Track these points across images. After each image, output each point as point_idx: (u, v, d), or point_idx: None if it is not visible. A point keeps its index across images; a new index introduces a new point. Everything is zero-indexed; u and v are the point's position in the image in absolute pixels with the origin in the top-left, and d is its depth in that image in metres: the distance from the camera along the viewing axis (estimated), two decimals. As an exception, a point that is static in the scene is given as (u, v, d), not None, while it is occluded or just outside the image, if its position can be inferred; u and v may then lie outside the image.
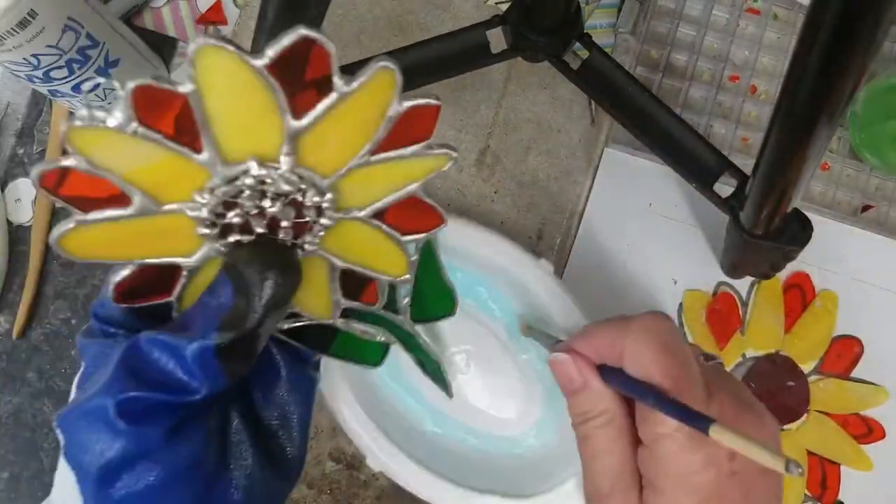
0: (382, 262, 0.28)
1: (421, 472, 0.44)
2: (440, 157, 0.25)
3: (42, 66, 0.43)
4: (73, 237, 0.22)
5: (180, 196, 0.22)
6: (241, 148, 0.22)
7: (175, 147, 0.21)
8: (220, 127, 0.21)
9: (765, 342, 0.51)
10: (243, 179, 0.22)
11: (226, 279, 0.23)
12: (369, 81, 0.23)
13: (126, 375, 0.23)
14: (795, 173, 0.36)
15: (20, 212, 0.53)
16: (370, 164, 0.24)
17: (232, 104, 0.21)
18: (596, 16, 0.56)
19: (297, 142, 0.22)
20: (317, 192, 0.23)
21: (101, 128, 0.20)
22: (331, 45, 0.21)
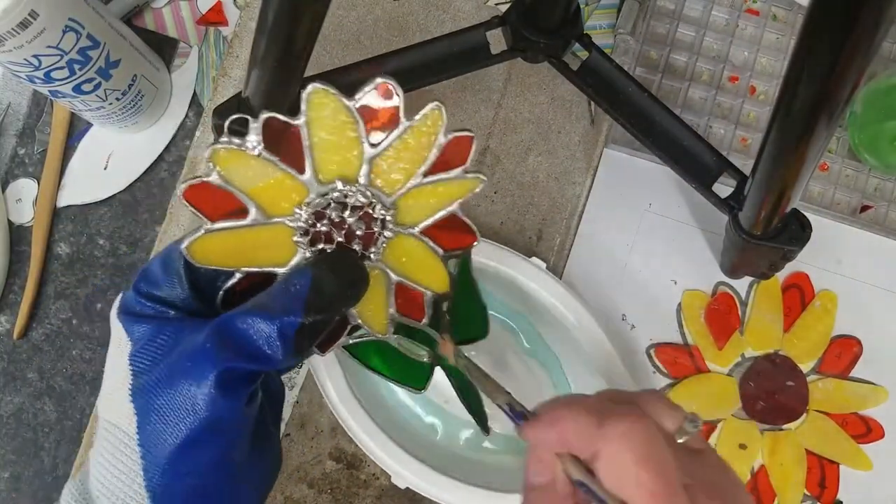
0: (428, 277, 0.32)
1: (447, 481, 0.44)
2: (474, 179, 0.30)
3: (43, 66, 0.43)
4: (199, 244, 0.27)
5: (283, 210, 0.28)
6: (331, 169, 0.28)
7: (287, 168, 0.27)
8: (319, 152, 0.27)
9: (764, 342, 0.51)
10: (332, 194, 0.28)
11: (307, 271, 0.27)
12: (425, 117, 0.28)
13: (220, 347, 0.25)
14: (794, 174, 0.36)
15: (21, 212, 0.53)
16: (423, 184, 0.29)
17: (329, 134, 0.27)
18: (595, 16, 0.56)
19: (371, 165, 0.28)
20: (383, 207, 0.29)
21: (236, 149, 0.26)
22: (400, 88, 0.27)
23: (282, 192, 0.27)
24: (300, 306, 0.26)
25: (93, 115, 0.50)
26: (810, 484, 0.50)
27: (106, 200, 0.54)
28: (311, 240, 0.28)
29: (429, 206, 0.30)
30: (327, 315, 0.27)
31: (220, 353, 0.25)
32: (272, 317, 0.26)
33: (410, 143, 0.28)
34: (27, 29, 0.40)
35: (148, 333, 0.27)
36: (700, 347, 0.51)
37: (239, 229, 0.27)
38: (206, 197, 0.27)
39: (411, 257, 0.31)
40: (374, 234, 0.30)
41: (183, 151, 0.54)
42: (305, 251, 0.29)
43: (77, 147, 0.54)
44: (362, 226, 0.29)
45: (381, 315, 0.32)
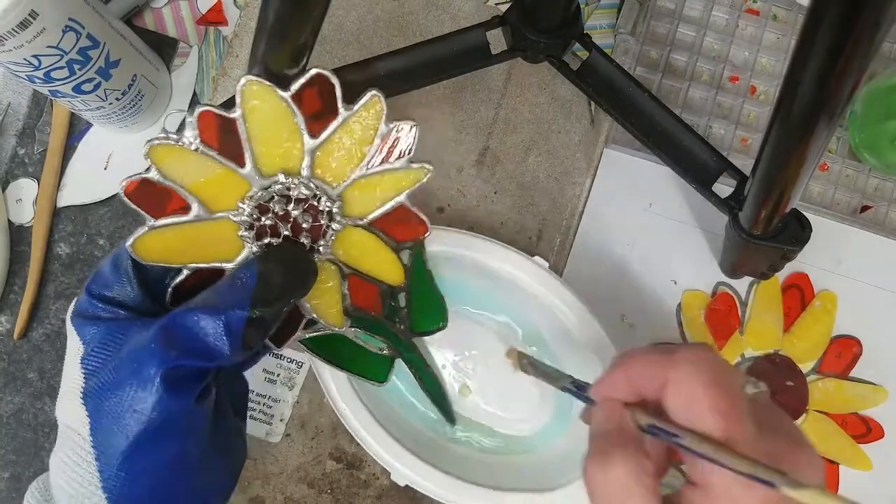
0: (381, 269, 0.32)
1: (445, 478, 0.44)
2: (420, 169, 0.30)
3: (43, 66, 0.43)
4: (143, 241, 0.27)
5: (226, 205, 0.28)
6: (272, 163, 0.27)
7: (226, 162, 0.27)
8: (258, 145, 0.27)
9: (764, 342, 0.51)
10: (274, 187, 0.28)
11: (253, 265, 0.27)
12: (364, 106, 0.28)
13: (166, 346, 0.25)
14: (794, 174, 0.36)
15: (21, 212, 0.53)
16: (367, 175, 0.29)
17: (267, 126, 0.27)
18: (596, 16, 0.56)
19: (313, 156, 0.28)
20: (328, 199, 0.29)
21: (173, 144, 0.26)
22: (335, 78, 0.27)
23: (224, 186, 0.27)
24: (246, 299, 0.26)
25: (93, 115, 0.50)
26: (810, 484, 0.50)
27: (106, 200, 0.54)
28: (257, 234, 0.28)
29: (376, 197, 0.30)
30: (275, 308, 0.27)
31: (165, 351, 0.25)
32: (218, 311, 0.26)
33: (350, 133, 0.28)
34: (27, 29, 0.40)
35: (98, 335, 0.27)
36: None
37: (182, 225, 0.27)
38: (148, 194, 0.26)
39: (362, 249, 0.31)
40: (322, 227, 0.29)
41: (183, 151, 0.54)
42: (252, 245, 0.28)
43: (77, 147, 0.54)
44: (308, 219, 0.29)
45: (334, 308, 0.32)
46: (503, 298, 0.48)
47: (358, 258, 0.31)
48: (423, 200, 0.52)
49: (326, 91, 0.27)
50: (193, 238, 0.28)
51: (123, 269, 0.28)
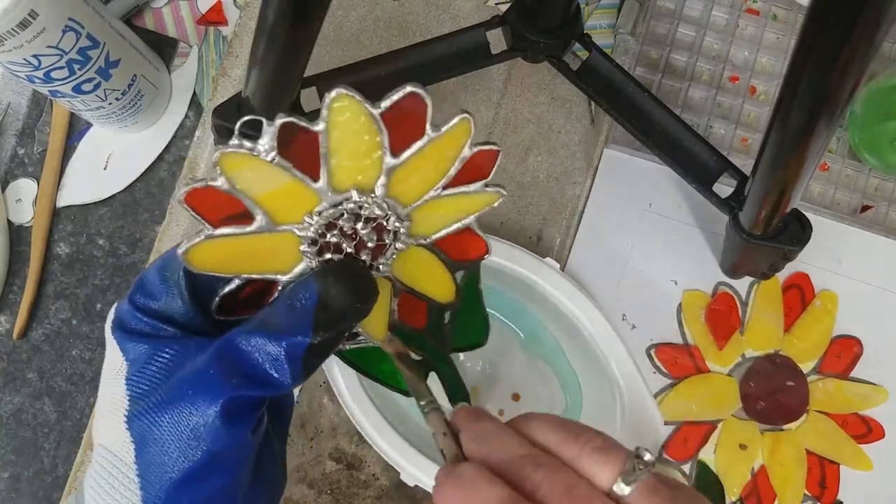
0: (434, 287, 0.31)
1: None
2: (494, 193, 0.29)
3: (43, 66, 0.43)
4: (198, 250, 0.25)
5: (292, 218, 0.26)
6: (347, 178, 0.26)
7: (300, 175, 0.25)
8: (336, 160, 0.25)
9: (764, 342, 0.51)
10: (345, 205, 0.26)
11: (311, 284, 0.25)
12: (453, 127, 0.26)
13: (226, 373, 0.24)
14: (795, 174, 0.36)
15: (21, 212, 0.53)
16: (441, 196, 0.28)
17: (349, 142, 0.25)
18: (596, 16, 0.56)
19: (390, 176, 0.26)
20: (398, 219, 0.28)
21: (247, 154, 0.24)
22: (429, 98, 0.25)
23: (292, 199, 0.26)
24: (308, 324, 0.24)
25: (92, 114, 0.50)
26: (811, 484, 0.49)
27: (106, 200, 0.54)
28: (319, 250, 0.27)
29: (445, 217, 0.29)
30: (338, 331, 0.25)
31: (225, 379, 0.23)
32: (279, 337, 0.24)
33: (433, 155, 0.27)
34: (27, 29, 0.40)
35: (145, 354, 0.25)
36: (700, 347, 0.51)
37: (243, 236, 0.26)
38: (210, 201, 0.25)
39: (419, 267, 0.30)
40: (385, 245, 0.28)
41: (183, 151, 0.54)
42: (311, 260, 0.27)
43: (77, 147, 0.54)
44: (374, 237, 0.28)
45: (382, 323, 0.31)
46: (509, 299, 0.48)
47: (415, 276, 0.30)
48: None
49: (417, 110, 0.26)
50: (251, 249, 0.26)
51: (174, 281, 0.26)
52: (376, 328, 0.31)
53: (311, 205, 0.26)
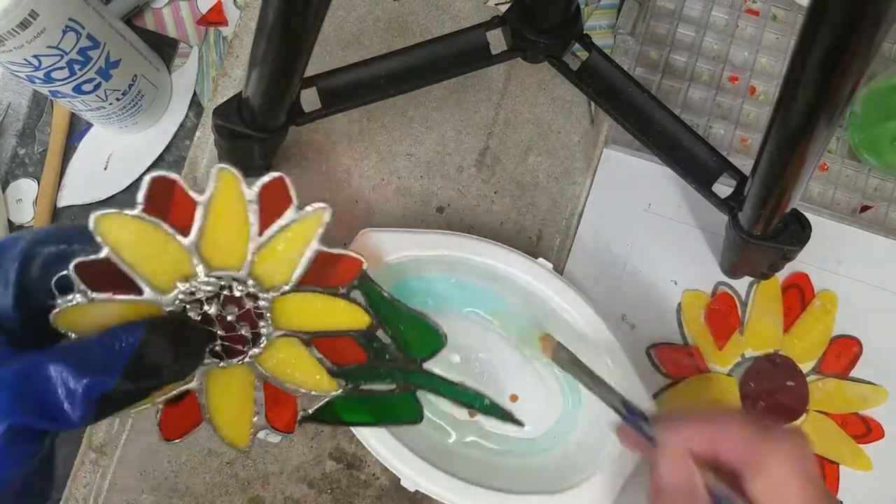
0: (340, 321, 0.30)
1: (457, 483, 0.44)
2: (317, 212, 0.28)
3: (43, 66, 0.43)
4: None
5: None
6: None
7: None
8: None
9: (764, 342, 0.51)
10: (219, 282, 0.27)
11: (140, 331, 0.24)
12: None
13: (17, 398, 0.22)
14: (794, 174, 0.36)
15: (21, 212, 0.53)
16: (264, 242, 0.27)
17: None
18: (595, 17, 0.56)
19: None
20: (240, 283, 0.27)
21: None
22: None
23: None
24: (118, 368, 0.23)
25: (93, 115, 0.50)
26: (810, 484, 0.50)
27: (106, 201, 0.54)
28: (193, 299, 0.27)
29: (287, 259, 0.28)
30: (143, 385, 0.24)
31: (13, 404, 0.22)
32: (84, 372, 0.22)
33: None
34: (27, 29, 0.40)
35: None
36: (700, 347, 0.51)
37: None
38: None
39: (308, 312, 0.29)
40: (250, 310, 0.28)
41: (183, 151, 0.54)
42: (178, 297, 0.27)
43: (77, 147, 0.54)
44: (246, 326, 0.28)
45: (318, 375, 0.30)
46: (503, 301, 0.48)
47: (309, 321, 0.29)
48: (421, 201, 0.52)
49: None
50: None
51: (3, 272, 0.24)
52: (318, 382, 0.30)
53: (185, 272, 0.26)
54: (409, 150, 0.53)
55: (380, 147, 0.53)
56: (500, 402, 0.47)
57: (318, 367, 0.30)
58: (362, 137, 0.53)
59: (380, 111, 0.53)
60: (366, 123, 0.53)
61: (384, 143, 0.53)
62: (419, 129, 0.53)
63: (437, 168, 0.53)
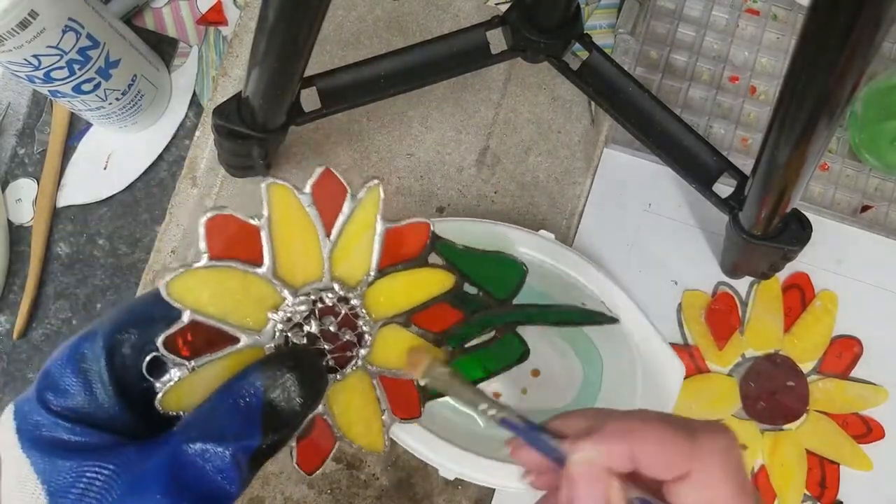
0: (433, 288, 0.29)
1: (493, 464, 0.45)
2: (371, 190, 0.27)
3: (43, 66, 0.43)
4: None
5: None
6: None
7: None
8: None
9: (764, 342, 0.51)
10: (308, 298, 0.26)
11: (257, 378, 0.22)
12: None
13: (176, 494, 0.21)
14: (795, 174, 0.36)
15: (21, 212, 0.53)
16: (335, 242, 0.27)
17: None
18: (596, 16, 0.56)
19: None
20: (328, 291, 0.27)
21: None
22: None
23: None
24: (256, 425, 0.22)
25: (92, 115, 0.50)
26: (811, 484, 0.49)
27: (106, 200, 0.54)
28: (290, 325, 0.26)
29: (359, 248, 0.27)
30: (286, 433, 0.23)
31: (172, 499, 0.20)
32: (225, 442, 0.21)
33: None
34: (27, 29, 0.40)
35: (72, 475, 0.20)
36: (700, 347, 0.51)
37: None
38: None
39: (398, 292, 0.29)
40: (358, 338, 0.28)
41: (183, 151, 0.54)
42: (276, 331, 0.26)
43: (77, 147, 0.54)
44: (347, 332, 0.27)
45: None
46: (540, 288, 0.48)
47: (401, 302, 0.29)
48: (421, 201, 0.52)
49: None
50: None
51: (94, 372, 0.22)
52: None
53: (273, 301, 0.25)
54: (409, 150, 0.53)
55: (380, 147, 0.53)
56: (521, 379, 0.47)
57: (422, 343, 0.30)
58: (362, 137, 0.53)
59: (380, 111, 0.53)
60: (366, 123, 0.53)
61: (384, 143, 0.53)
62: (419, 129, 0.53)
63: (437, 168, 0.53)
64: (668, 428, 0.24)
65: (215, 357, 0.24)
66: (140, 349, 0.23)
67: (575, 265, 0.47)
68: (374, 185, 0.27)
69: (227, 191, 0.52)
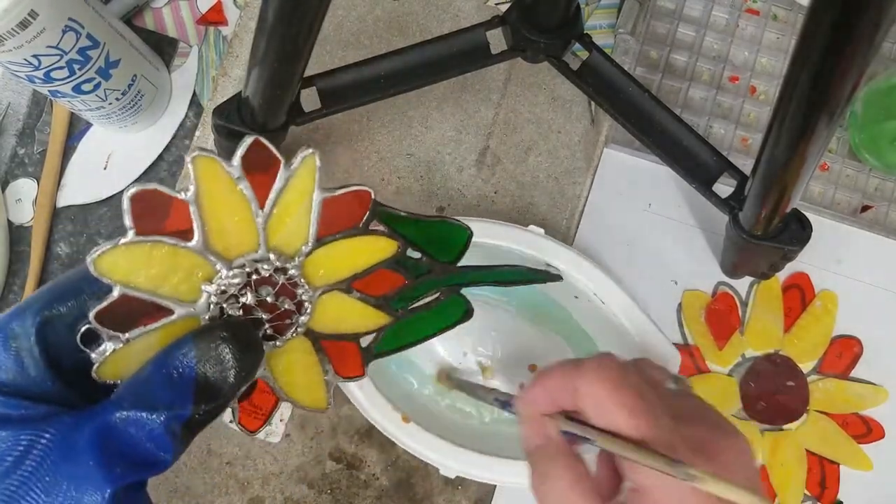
0: (374, 255, 0.29)
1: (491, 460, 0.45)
2: (306, 160, 0.26)
3: (43, 66, 0.43)
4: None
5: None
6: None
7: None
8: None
9: (764, 342, 0.51)
10: (242, 270, 0.26)
11: (191, 349, 0.23)
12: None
13: (108, 462, 0.21)
14: (795, 174, 0.36)
15: (21, 212, 0.53)
16: (269, 213, 0.26)
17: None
18: (596, 16, 0.56)
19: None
20: (264, 263, 0.26)
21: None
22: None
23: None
24: (188, 395, 0.22)
25: (92, 114, 0.50)
26: (811, 484, 0.49)
27: (106, 200, 0.54)
28: (225, 297, 0.26)
29: (295, 219, 0.27)
30: (220, 402, 0.23)
31: (108, 470, 0.21)
32: (157, 410, 0.22)
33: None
34: (27, 29, 0.40)
35: (5, 444, 0.21)
36: (700, 347, 0.51)
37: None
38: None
39: (338, 260, 0.28)
40: (296, 305, 0.27)
41: (183, 151, 0.54)
42: (211, 303, 0.25)
43: (77, 147, 0.54)
44: (286, 301, 0.27)
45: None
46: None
47: (342, 269, 0.29)
48: (421, 201, 0.52)
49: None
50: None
51: (23, 346, 0.23)
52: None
53: (205, 273, 0.25)
54: (409, 150, 0.53)
55: (380, 147, 0.53)
56: (518, 374, 0.48)
57: (365, 308, 0.30)
58: (362, 137, 0.53)
59: (380, 111, 0.53)
60: (366, 123, 0.53)
61: (384, 143, 0.53)
62: (419, 129, 0.53)
63: (437, 168, 0.53)
64: (564, 363, 0.29)
65: (150, 328, 0.24)
66: (71, 323, 0.24)
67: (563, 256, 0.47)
68: (310, 153, 0.26)
69: (227, 191, 0.52)
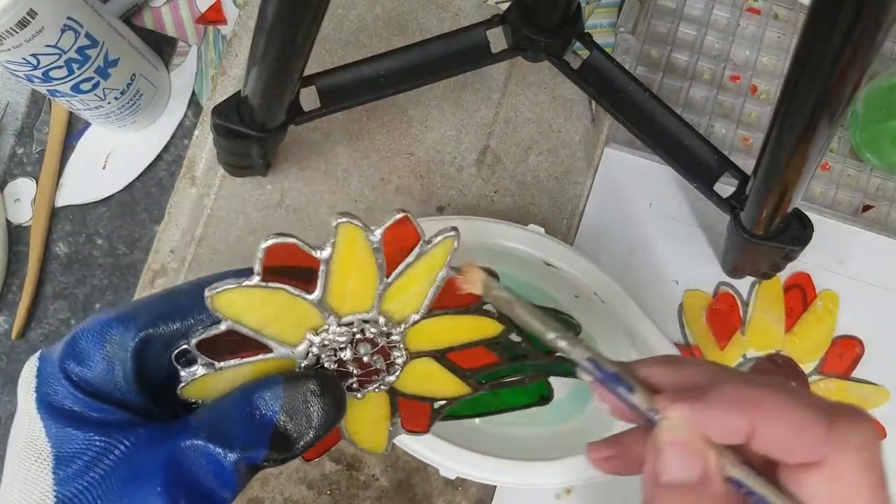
0: (476, 333, 0.29)
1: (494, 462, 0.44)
2: (445, 241, 0.25)
3: (41, 65, 0.43)
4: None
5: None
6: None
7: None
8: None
9: (765, 342, 0.51)
10: (350, 328, 0.26)
11: (278, 393, 0.23)
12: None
13: (173, 489, 0.21)
14: (796, 173, 0.36)
15: (19, 212, 0.53)
16: (391, 283, 0.26)
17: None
18: (596, 15, 0.56)
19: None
20: (371, 325, 0.26)
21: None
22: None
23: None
24: (265, 441, 0.22)
25: (91, 114, 0.50)
26: (812, 485, 0.49)
27: (104, 200, 0.54)
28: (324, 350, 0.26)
29: (414, 291, 0.27)
30: (292, 454, 0.23)
31: (173, 500, 0.21)
32: (231, 448, 0.21)
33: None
34: (26, 28, 0.40)
35: (79, 446, 0.21)
36: (701, 348, 0.51)
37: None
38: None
39: (442, 333, 0.28)
40: (388, 366, 0.27)
41: (182, 151, 0.54)
42: (310, 350, 0.25)
43: (75, 146, 0.54)
44: (381, 361, 0.27)
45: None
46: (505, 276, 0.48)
47: (441, 341, 0.28)
48: (421, 201, 0.52)
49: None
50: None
51: (117, 356, 0.23)
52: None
53: (314, 323, 0.25)
54: (408, 150, 0.53)
55: (379, 146, 0.53)
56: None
57: (451, 377, 0.29)
58: (362, 136, 0.53)
59: (379, 110, 0.53)
60: (365, 122, 0.53)
61: (384, 143, 0.53)
62: (419, 129, 0.53)
63: (437, 167, 0.53)
64: (801, 406, 0.21)
65: (245, 362, 0.25)
66: (169, 341, 0.23)
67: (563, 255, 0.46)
68: (451, 236, 0.26)
69: (225, 190, 0.52)
